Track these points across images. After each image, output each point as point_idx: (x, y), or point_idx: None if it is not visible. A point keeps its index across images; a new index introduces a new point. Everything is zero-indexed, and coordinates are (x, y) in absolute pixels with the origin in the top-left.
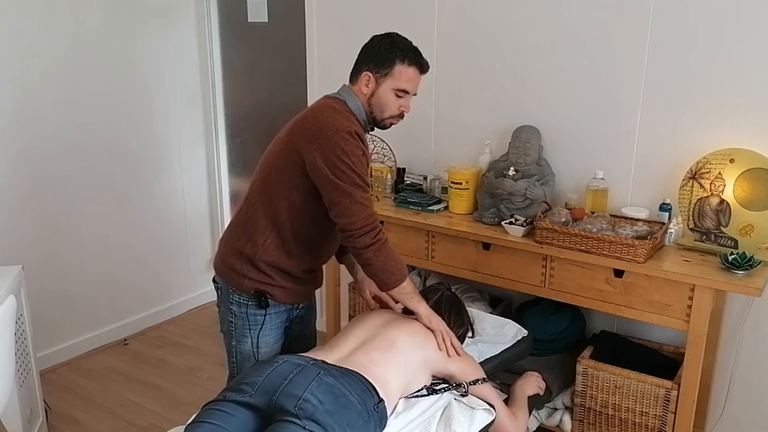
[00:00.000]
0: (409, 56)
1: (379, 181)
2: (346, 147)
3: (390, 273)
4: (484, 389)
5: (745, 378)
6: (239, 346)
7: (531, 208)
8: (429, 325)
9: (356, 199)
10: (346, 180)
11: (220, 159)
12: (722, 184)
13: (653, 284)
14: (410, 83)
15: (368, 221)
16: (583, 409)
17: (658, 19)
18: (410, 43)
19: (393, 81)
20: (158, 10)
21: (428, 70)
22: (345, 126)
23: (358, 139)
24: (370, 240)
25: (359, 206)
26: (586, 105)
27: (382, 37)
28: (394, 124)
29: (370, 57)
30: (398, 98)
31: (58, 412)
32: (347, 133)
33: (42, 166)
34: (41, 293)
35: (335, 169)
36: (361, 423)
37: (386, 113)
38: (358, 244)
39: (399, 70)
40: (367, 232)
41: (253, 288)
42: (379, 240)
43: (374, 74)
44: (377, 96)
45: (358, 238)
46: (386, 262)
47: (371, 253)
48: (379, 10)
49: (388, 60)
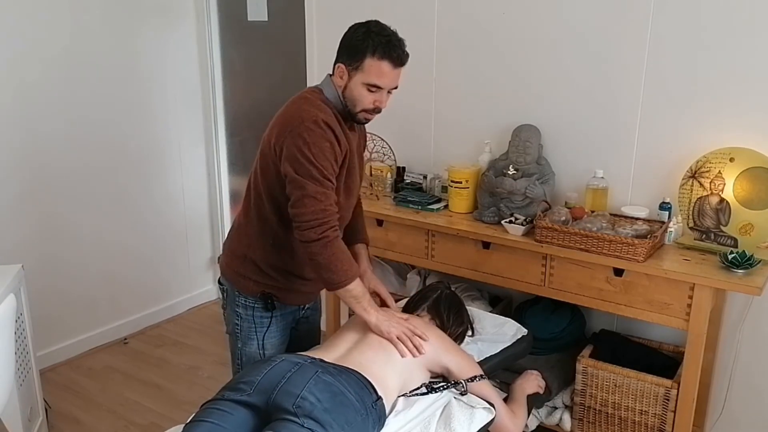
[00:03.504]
0: (380, 49)
1: (379, 180)
2: (308, 137)
3: (333, 272)
4: (484, 388)
5: (745, 377)
6: (245, 348)
7: (531, 207)
8: (380, 334)
9: (308, 192)
10: (302, 172)
11: (219, 158)
12: (722, 183)
13: (653, 283)
14: (382, 78)
15: (317, 216)
16: (583, 408)
17: (659, 18)
18: (389, 33)
19: (363, 75)
20: (158, 9)
21: (404, 63)
22: (311, 115)
23: (325, 128)
24: (315, 235)
25: (310, 199)
26: (586, 104)
27: (359, 26)
28: (369, 119)
29: (344, 47)
30: (371, 93)
31: (58, 411)
32: (313, 123)
33: (42, 165)
34: (41, 292)
35: (293, 160)
36: (360, 420)
37: (358, 107)
38: (302, 237)
39: (369, 63)
40: (314, 226)
41: (260, 291)
42: (325, 237)
43: (346, 66)
44: (349, 89)
45: (304, 231)
46: (330, 261)
47: (315, 248)
48: (378, 9)
49: (359, 52)
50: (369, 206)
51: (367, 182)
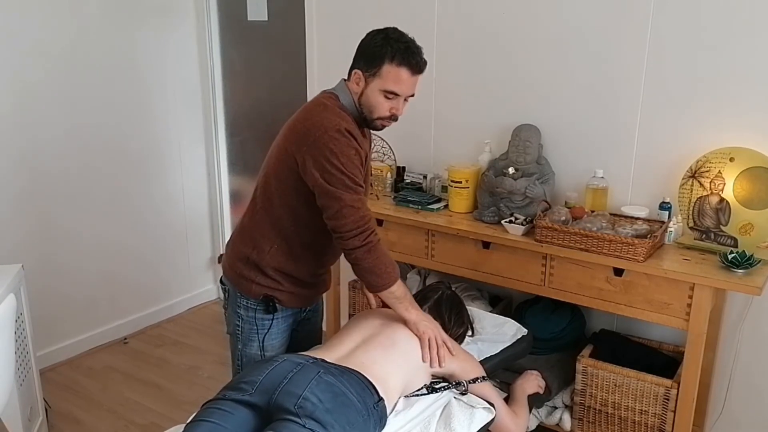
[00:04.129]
0: (399, 56)
1: (379, 179)
2: (335, 147)
3: (377, 276)
4: (484, 388)
5: (745, 376)
6: (245, 349)
7: (531, 207)
8: (417, 332)
9: (346, 203)
10: (336, 183)
11: (219, 158)
12: (722, 183)
13: (653, 283)
14: (399, 85)
15: (358, 224)
16: (583, 408)
17: (659, 17)
18: (407, 40)
19: (381, 82)
20: (158, 9)
21: (422, 70)
22: (334, 124)
23: (349, 137)
24: (360, 242)
25: (349, 209)
26: (586, 103)
27: (377, 33)
28: (385, 126)
29: (361, 53)
30: (388, 99)
31: (58, 410)
32: (337, 132)
33: (41, 164)
34: (41, 292)
35: (324, 172)
36: (361, 421)
37: (375, 114)
38: (347, 246)
39: (387, 70)
40: (357, 234)
41: (262, 293)
42: (369, 242)
43: (363, 73)
44: (366, 96)
45: (347, 240)
46: (374, 265)
47: (360, 254)
48: (379, 8)
49: (377, 59)
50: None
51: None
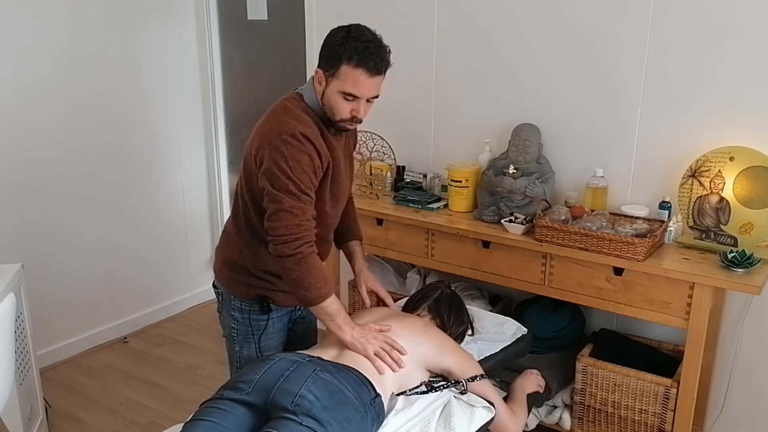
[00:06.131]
0: (356, 56)
1: (379, 179)
2: (285, 151)
3: (304, 289)
4: (484, 387)
5: (745, 376)
6: (242, 351)
7: (531, 206)
8: (357, 352)
9: (284, 207)
10: (278, 186)
11: (219, 157)
12: (722, 182)
13: (653, 282)
14: (358, 87)
15: (292, 231)
16: (583, 407)
17: (659, 17)
18: (368, 39)
19: (339, 83)
20: (158, 9)
21: (381, 72)
22: (290, 128)
23: (303, 141)
24: (289, 250)
25: (286, 214)
26: (586, 103)
27: (339, 30)
28: (348, 129)
29: (323, 51)
30: (347, 101)
31: (58, 410)
32: (290, 136)
33: (41, 164)
34: (41, 291)
35: (271, 175)
36: (358, 418)
37: (336, 116)
38: (276, 252)
39: (345, 71)
40: (288, 241)
41: (254, 294)
42: (299, 253)
43: (324, 72)
44: (326, 96)
45: (278, 245)
46: (302, 277)
47: (288, 264)
48: (378, 8)
49: (335, 58)
50: (369, 205)
51: (367, 181)
